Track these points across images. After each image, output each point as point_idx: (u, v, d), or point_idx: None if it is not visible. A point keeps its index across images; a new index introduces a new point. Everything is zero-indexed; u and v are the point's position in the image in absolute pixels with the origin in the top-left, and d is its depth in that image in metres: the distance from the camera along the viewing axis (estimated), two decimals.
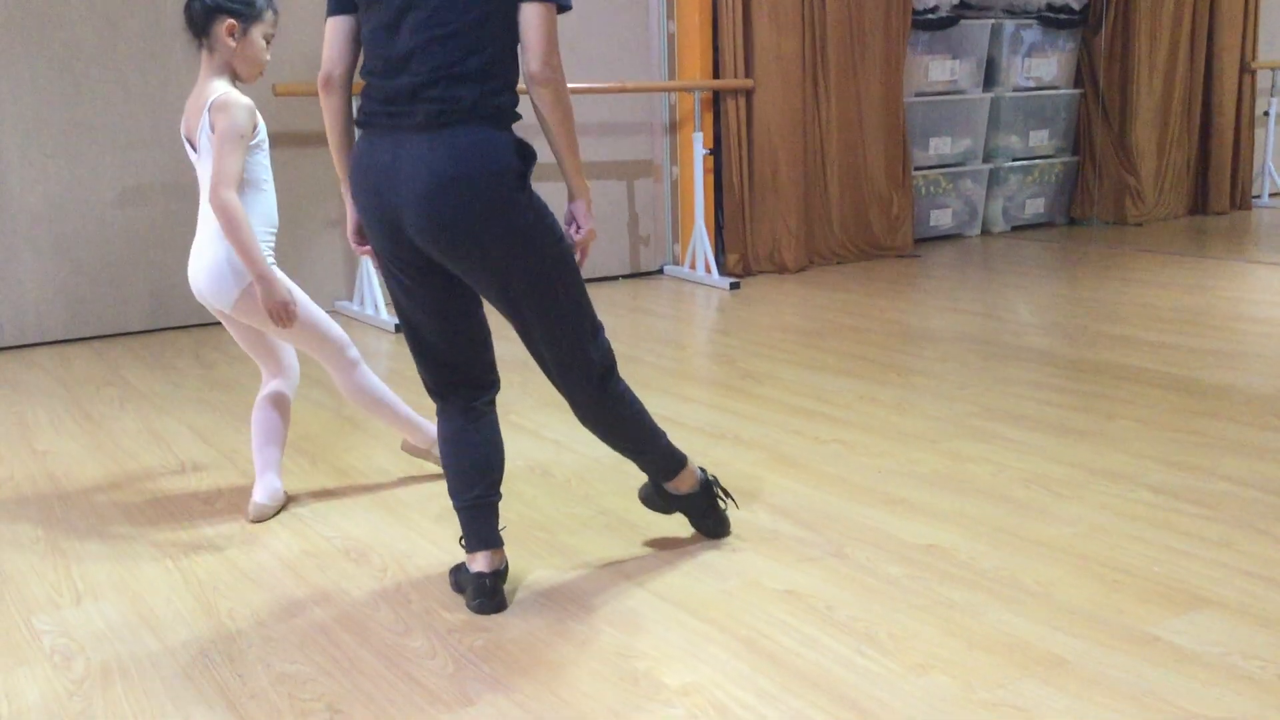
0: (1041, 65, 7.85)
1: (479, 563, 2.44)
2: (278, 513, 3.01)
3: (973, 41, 7.46)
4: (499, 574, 2.45)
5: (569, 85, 2.39)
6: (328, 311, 5.68)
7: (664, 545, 2.73)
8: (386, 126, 2.28)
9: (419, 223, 2.26)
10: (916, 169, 7.37)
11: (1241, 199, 8.67)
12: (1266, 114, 8.76)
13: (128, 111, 5.26)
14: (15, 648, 2.32)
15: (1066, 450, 3.31)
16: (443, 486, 3.06)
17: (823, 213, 6.81)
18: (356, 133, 2.40)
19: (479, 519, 2.45)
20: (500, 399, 4.02)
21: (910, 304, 5.56)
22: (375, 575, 2.62)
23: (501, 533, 2.49)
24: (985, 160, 7.74)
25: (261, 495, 2.99)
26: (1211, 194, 8.46)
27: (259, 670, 2.20)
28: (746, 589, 2.47)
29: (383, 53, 2.27)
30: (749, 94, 6.43)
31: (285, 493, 3.09)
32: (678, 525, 2.83)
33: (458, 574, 2.52)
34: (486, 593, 2.42)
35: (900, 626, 2.28)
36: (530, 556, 2.70)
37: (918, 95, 7.31)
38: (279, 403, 3.05)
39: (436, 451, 3.20)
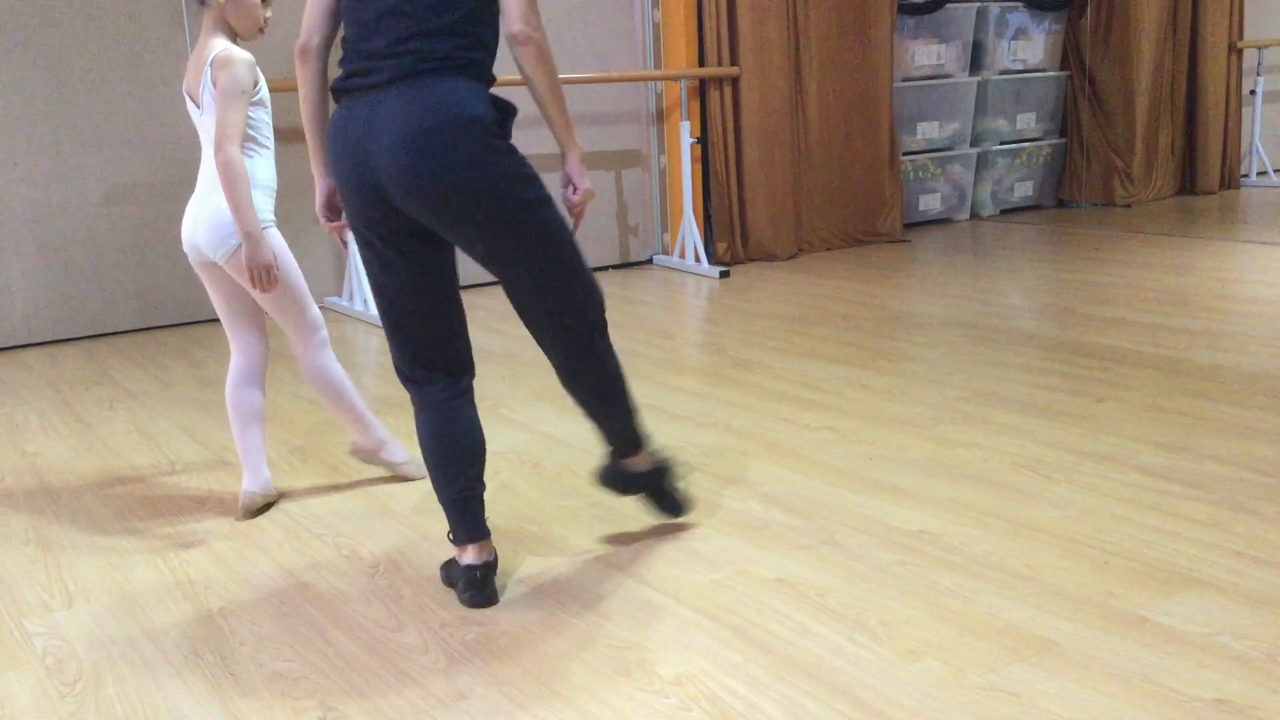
0: (1027, 48, 7.85)
1: (469, 555, 2.43)
2: (267, 506, 3.01)
3: (959, 25, 7.46)
4: (489, 565, 2.44)
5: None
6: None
7: (655, 536, 2.73)
8: (362, 88, 2.28)
9: (398, 179, 2.24)
10: (904, 154, 7.37)
11: (1229, 178, 8.68)
12: (1253, 93, 8.76)
13: (113, 111, 5.24)
14: (7, 651, 2.32)
15: (1056, 433, 3.31)
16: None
17: (811, 200, 6.81)
18: (332, 106, 2.39)
19: (466, 511, 2.44)
20: (491, 392, 4.03)
21: (900, 290, 5.56)
22: (367, 572, 2.62)
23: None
24: (973, 144, 7.75)
25: (251, 484, 2.98)
26: (1199, 174, 8.47)
27: (252, 669, 2.20)
28: (738, 578, 2.48)
29: (358, 18, 2.29)
30: (735, 82, 6.42)
31: (276, 490, 3.08)
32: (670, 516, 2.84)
33: (448, 569, 2.52)
34: (478, 585, 2.41)
35: (891, 613, 2.29)
36: (522, 549, 2.70)
37: (905, 80, 7.30)
38: (250, 380, 3.01)
39: (385, 455, 3.16)
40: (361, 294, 5.46)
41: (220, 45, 2.79)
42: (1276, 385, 3.68)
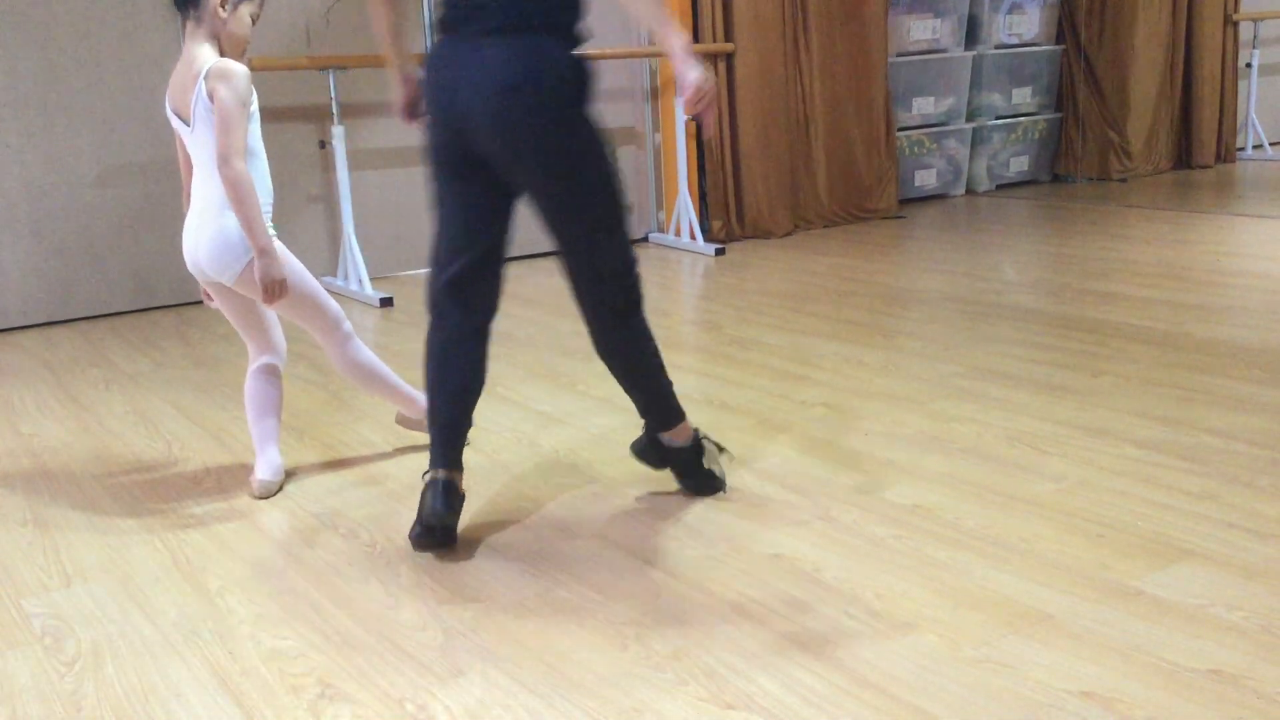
0: (1023, 22, 7.82)
1: (439, 474, 2.51)
2: (280, 488, 3.02)
3: None
4: (454, 483, 2.52)
5: None
6: None
7: (652, 513, 2.74)
8: (465, 33, 2.40)
9: (481, 122, 2.38)
10: (900, 130, 7.34)
11: (1225, 152, 8.67)
12: (1249, 66, 8.74)
13: (105, 91, 5.22)
14: (6, 631, 2.33)
15: (1051, 407, 3.32)
16: None
17: (807, 177, 6.80)
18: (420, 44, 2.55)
19: (451, 441, 2.53)
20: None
21: (896, 266, 5.56)
22: (364, 550, 2.62)
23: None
24: (968, 119, 7.72)
25: (265, 472, 2.98)
26: (1195, 148, 8.45)
27: (249, 647, 2.20)
28: (734, 553, 2.48)
29: None
30: (730, 58, 6.40)
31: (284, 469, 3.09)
32: (666, 492, 2.84)
33: (416, 517, 2.58)
34: (440, 494, 2.49)
35: (887, 586, 2.30)
36: (519, 527, 2.71)
37: (900, 55, 7.28)
38: (271, 374, 3.05)
39: None
40: (356, 274, 5.45)
41: (211, 57, 2.74)
42: (1272, 359, 3.69)
